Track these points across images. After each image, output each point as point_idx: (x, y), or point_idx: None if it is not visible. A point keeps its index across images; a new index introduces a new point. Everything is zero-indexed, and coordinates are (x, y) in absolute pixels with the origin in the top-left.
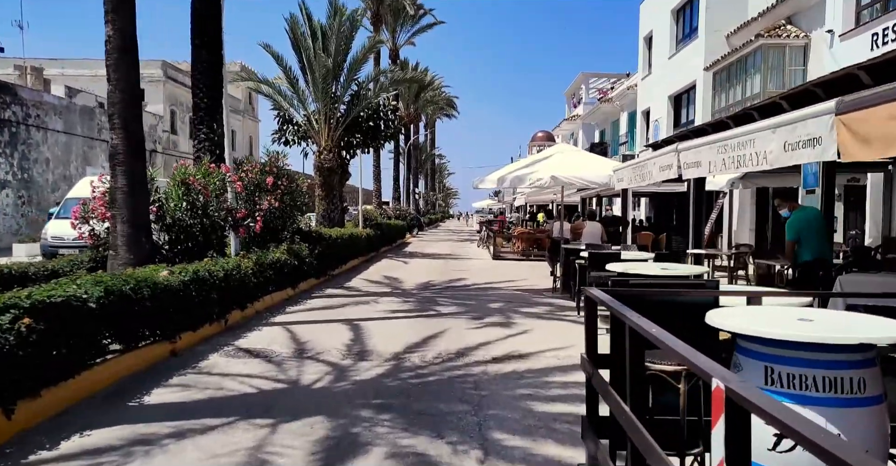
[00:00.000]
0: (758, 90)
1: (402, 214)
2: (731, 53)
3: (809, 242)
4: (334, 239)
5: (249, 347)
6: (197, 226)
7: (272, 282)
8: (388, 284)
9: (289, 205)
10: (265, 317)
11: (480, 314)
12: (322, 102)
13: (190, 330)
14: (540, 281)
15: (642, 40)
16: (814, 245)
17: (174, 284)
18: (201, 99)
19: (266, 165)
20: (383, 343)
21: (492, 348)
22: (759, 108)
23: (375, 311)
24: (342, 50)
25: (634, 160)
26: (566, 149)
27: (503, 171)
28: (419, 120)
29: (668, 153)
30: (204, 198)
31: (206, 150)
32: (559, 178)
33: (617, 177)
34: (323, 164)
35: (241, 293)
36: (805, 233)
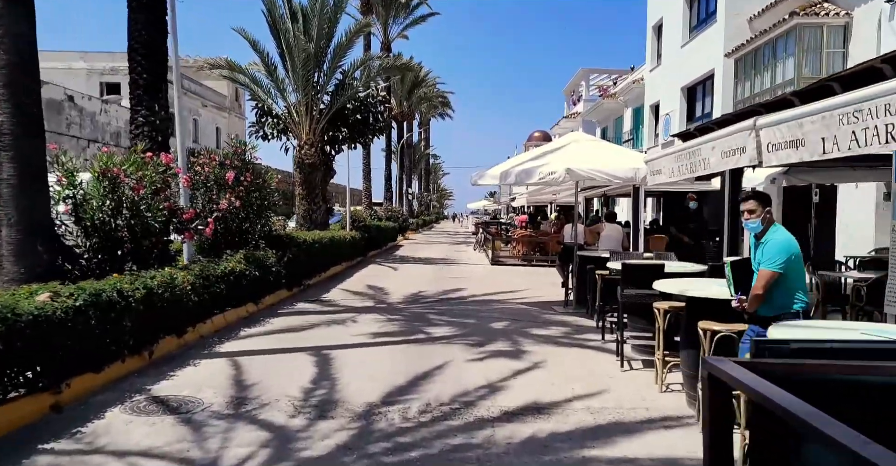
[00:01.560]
0: (791, 76)
1: (394, 216)
2: (758, 37)
3: (799, 282)
4: (310, 243)
5: (170, 395)
6: (123, 228)
7: (225, 298)
8: (372, 296)
9: (254, 204)
10: (210, 345)
11: (481, 338)
12: (302, 92)
13: (89, 372)
14: (547, 292)
15: (651, 29)
16: (804, 288)
17: (56, 312)
18: (139, 74)
19: (227, 158)
20: (355, 385)
21: (500, 394)
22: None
23: (351, 335)
24: (325, 33)
25: (679, 146)
26: (581, 138)
27: (508, 164)
28: (413, 118)
29: (738, 132)
30: (136, 194)
31: (145, 136)
32: (576, 172)
33: (651, 168)
34: (304, 160)
35: (176, 315)
36: (796, 268)
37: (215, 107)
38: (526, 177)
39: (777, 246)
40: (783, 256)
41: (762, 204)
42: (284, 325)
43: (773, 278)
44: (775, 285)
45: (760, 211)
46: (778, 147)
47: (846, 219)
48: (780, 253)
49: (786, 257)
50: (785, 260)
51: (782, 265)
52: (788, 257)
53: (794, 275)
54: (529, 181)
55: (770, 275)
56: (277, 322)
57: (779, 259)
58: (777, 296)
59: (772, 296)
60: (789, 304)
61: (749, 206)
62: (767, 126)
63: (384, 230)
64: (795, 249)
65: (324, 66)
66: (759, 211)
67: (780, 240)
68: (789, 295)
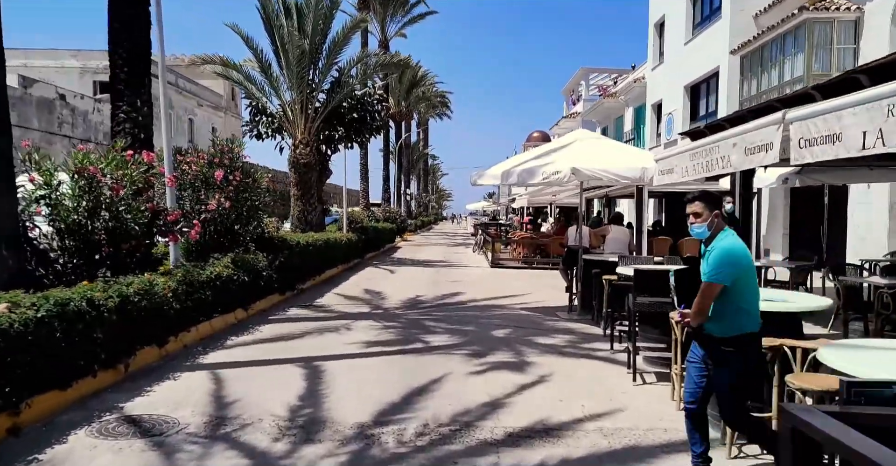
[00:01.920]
0: (800, 73)
1: (392, 217)
2: (765, 33)
3: (751, 298)
4: (304, 246)
5: (143, 414)
6: (101, 231)
7: (211, 305)
8: (368, 301)
9: (245, 204)
10: (194, 355)
11: (482, 347)
12: (297, 89)
13: (55, 389)
14: (549, 297)
15: (652, 27)
16: (757, 306)
17: (13, 325)
18: (120, 67)
19: (215, 156)
20: (346, 402)
21: (504, 412)
22: None
23: (344, 344)
24: (320, 30)
25: (694, 143)
26: (586, 136)
27: (509, 164)
28: (411, 118)
29: (764, 127)
30: (115, 194)
31: (126, 133)
32: (582, 171)
33: (662, 167)
34: (299, 160)
35: (156, 324)
36: (746, 282)
37: (211, 106)
38: (529, 177)
39: (722, 255)
40: (728, 267)
41: (710, 206)
42: (274, 333)
43: (716, 291)
44: (723, 301)
45: (707, 214)
46: (811, 142)
47: (858, 220)
48: (725, 264)
49: (731, 268)
50: (730, 272)
51: (726, 276)
52: (735, 268)
53: (743, 291)
54: (532, 181)
55: (712, 288)
56: (267, 329)
57: (722, 269)
58: (727, 314)
59: (720, 314)
60: (742, 324)
61: (694, 209)
62: (799, 119)
63: (382, 231)
64: (744, 259)
65: (319, 63)
66: (706, 214)
67: (727, 249)
68: (740, 313)
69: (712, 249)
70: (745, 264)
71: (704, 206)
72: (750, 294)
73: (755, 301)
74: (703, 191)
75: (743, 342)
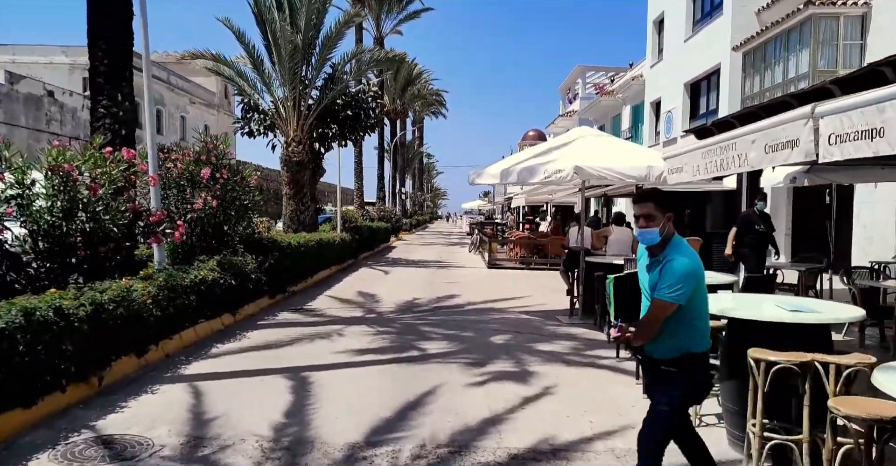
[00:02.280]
0: (805, 69)
1: (387, 216)
2: (768, 29)
3: (705, 313)
4: (295, 247)
5: (115, 434)
6: (76, 233)
7: (195, 310)
8: (361, 304)
9: (235, 204)
10: (175, 365)
11: (481, 355)
12: (289, 86)
13: (17, 408)
14: (549, 299)
15: (651, 24)
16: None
17: None
18: (100, 60)
19: (201, 153)
20: (336, 418)
21: (506, 429)
22: None
23: (335, 352)
24: (313, 24)
25: (707, 140)
26: (588, 134)
27: (508, 162)
28: (406, 116)
29: (790, 122)
30: (92, 194)
31: (106, 129)
32: (585, 170)
33: (671, 165)
34: (291, 158)
35: (135, 332)
36: (701, 297)
37: (204, 104)
38: (529, 176)
39: (681, 270)
40: (687, 285)
41: (662, 208)
42: (262, 340)
43: (670, 312)
44: (674, 319)
45: (661, 217)
46: (845, 138)
47: (864, 220)
48: (685, 280)
49: (689, 286)
50: (688, 290)
51: (684, 295)
52: (693, 285)
53: (699, 306)
54: (533, 180)
55: (667, 309)
56: (255, 336)
57: (682, 287)
58: (676, 334)
59: (670, 333)
60: (691, 343)
61: (646, 210)
62: (832, 113)
63: (376, 231)
64: (701, 273)
65: (312, 58)
66: (659, 218)
67: (685, 264)
68: (693, 332)
69: (666, 261)
70: (702, 277)
71: (657, 208)
72: (704, 309)
73: (707, 317)
74: (654, 188)
75: (689, 362)
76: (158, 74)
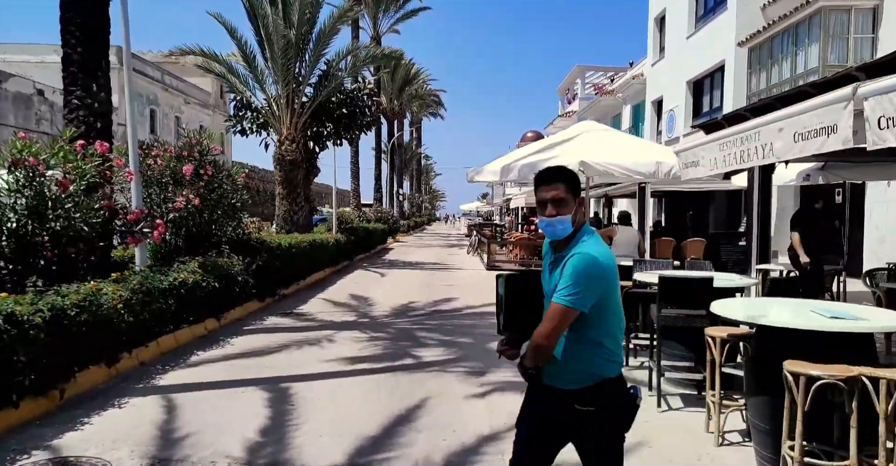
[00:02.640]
0: (814, 64)
1: (384, 217)
2: (776, 23)
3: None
4: (286, 248)
5: (70, 456)
6: (42, 232)
7: (174, 315)
8: (355, 308)
9: (223, 202)
10: (150, 375)
11: (480, 363)
12: (283, 82)
13: None
14: None
15: (652, 21)
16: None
17: None
18: (73, 48)
19: (183, 149)
20: (320, 436)
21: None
22: None
23: (324, 360)
24: (307, 19)
25: (725, 131)
26: (593, 128)
27: (509, 158)
28: (404, 117)
29: (827, 106)
30: (61, 190)
31: (80, 122)
32: (591, 166)
33: (686, 160)
34: (284, 156)
35: (104, 340)
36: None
37: (199, 104)
38: (530, 173)
39: (587, 266)
40: (594, 285)
41: (574, 192)
42: (247, 347)
43: (571, 319)
44: (578, 331)
45: (572, 203)
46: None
47: (877, 220)
48: (588, 280)
49: (597, 287)
50: (595, 290)
51: (589, 298)
52: (602, 286)
53: (607, 322)
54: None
55: (567, 315)
56: (240, 342)
57: (586, 288)
58: (581, 356)
59: (573, 355)
60: (602, 368)
61: (556, 193)
62: (880, 93)
63: (372, 232)
64: (613, 275)
65: (306, 55)
66: (571, 203)
67: (593, 257)
68: (599, 353)
69: (570, 255)
70: (613, 279)
71: (568, 190)
72: (615, 324)
73: (621, 335)
74: (562, 167)
75: (606, 393)
76: (153, 74)
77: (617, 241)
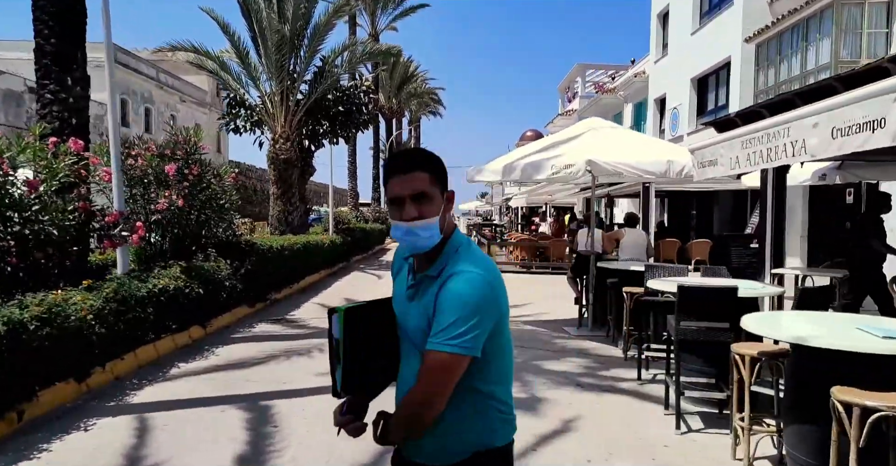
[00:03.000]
0: (826, 60)
1: (383, 217)
2: (785, 17)
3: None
4: (277, 250)
5: None
6: (8, 238)
7: (154, 324)
8: None
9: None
10: (123, 391)
11: None
12: (277, 79)
13: None
14: (554, 308)
15: (655, 17)
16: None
17: None
18: (45, 38)
19: (166, 147)
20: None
21: None
22: None
23: (314, 373)
24: (301, 14)
25: (747, 127)
26: (599, 126)
27: (511, 157)
28: (402, 115)
29: (873, 97)
30: (30, 191)
31: (54, 117)
32: (599, 165)
33: (701, 159)
34: (279, 155)
35: (71, 354)
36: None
37: (195, 102)
38: (534, 172)
39: (470, 292)
40: (487, 314)
41: (442, 183)
42: (232, 358)
43: (461, 370)
44: (464, 386)
45: (440, 200)
46: None
47: (893, 223)
48: (479, 309)
49: (491, 314)
50: (488, 324)
51: (482, 336)
52: (495, 313)
53: (500, 355)
54: (539, 176)
55: (453, 365)
56: (225, 352)
57: (476, 323)
58: (462, 409)
59: (449, 409)
60: (488, 433)
61: (418, 185)
62: None
63: (370, 233)
64: (503, 290)
65: (301, 51)
66: (439, 200)
67: (476, 278)
68: (486, 412)
69: (445, 277)
70: (505, 303)
71: (434, 183)
72: (508, 361)
73: (512, 374)
74: (422, 149)
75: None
76: (147, 72)
77: (624, 244)
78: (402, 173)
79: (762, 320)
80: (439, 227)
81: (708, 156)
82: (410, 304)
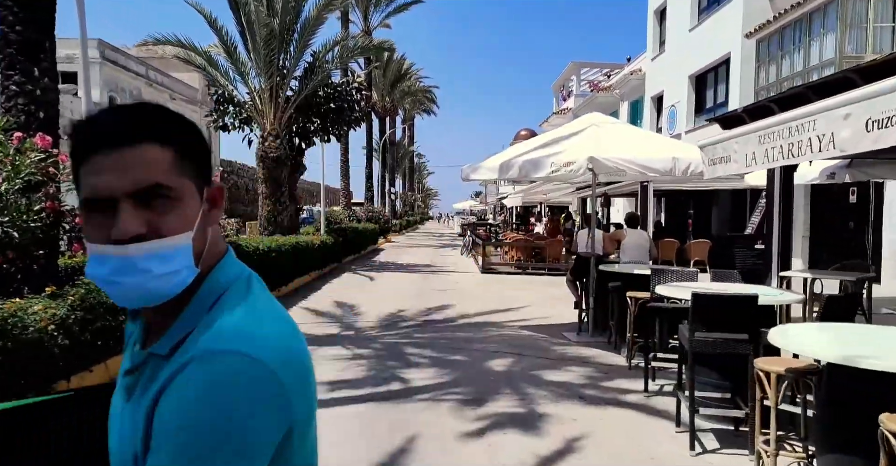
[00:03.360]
0: (830, 55)
1: (376, 216)
2: (787, 12)
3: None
4: (264, 252)
5: None
6: None
7: None
8: (339, 318)
9: None
10: None
11: (478, 388)
12: (266, 75)
13: None
14: (552, 311)
15: (652, 14)
16: None
17: None
18: (11, 26)
19: None
20: None
21: None
22: None
23: None
24: (291, 8)
25: (766, 121)
26: (601, 121)
27: (509, 154)
28: (396, 114)
29: None
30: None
31: (20, 111)
32: (601, 162)
33: (712, 155)
34: (268, 153)
35: (30, 369)
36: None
37: (185, 100)
38: (533, 170)
39: (210, 411)
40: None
41: (199, 171)
42: None
43: None
44: None
45: (195, 201)
46: None
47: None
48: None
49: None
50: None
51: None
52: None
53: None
54: (538, 174)
55: None
56: None
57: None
58: None
59: None
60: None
61: (142, 173)
62: None
63: (363, 232)
64: (296, 391)
65: (291, 46)
66: (193, 201)
67: (230, 382)
68: None
69: (184, 363)
70: (302, 410)
71: (180, 167)
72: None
73: None
74: (151, 104)
75: None
76: (136, 69)
77: (625, 245)
78: (110, 147)
79: (791, 335)
80: (193, 254)
81: (720, 152)
82: (125, 407)
